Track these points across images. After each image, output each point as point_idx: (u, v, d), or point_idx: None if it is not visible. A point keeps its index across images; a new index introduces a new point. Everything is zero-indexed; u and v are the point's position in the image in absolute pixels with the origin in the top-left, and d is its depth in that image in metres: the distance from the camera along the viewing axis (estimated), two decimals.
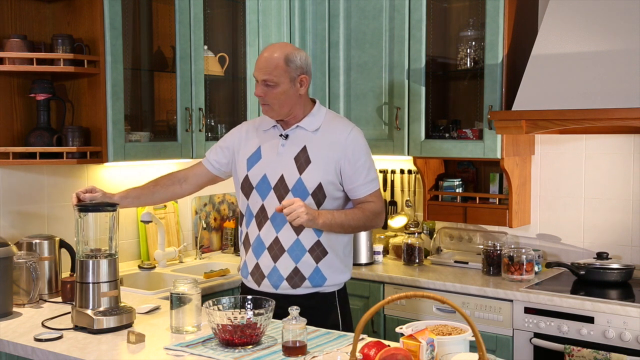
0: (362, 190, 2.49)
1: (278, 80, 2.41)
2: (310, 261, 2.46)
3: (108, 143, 3.00)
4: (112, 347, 2.13)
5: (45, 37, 3.11)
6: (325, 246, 2.48)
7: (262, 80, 2.42)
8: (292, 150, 2.48)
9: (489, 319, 3.04)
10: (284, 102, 2.44)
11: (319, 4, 3.77)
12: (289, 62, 2.41)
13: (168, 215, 3.63)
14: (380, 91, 3.62)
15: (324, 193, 2.45)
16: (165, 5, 3.36)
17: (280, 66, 2.40)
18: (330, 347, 2.07)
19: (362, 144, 2.51)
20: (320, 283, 2.49)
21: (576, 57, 3.01)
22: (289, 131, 2.51)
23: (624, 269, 3.07)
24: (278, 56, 2.41)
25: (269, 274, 2.48)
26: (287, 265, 2.46)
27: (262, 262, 2.50)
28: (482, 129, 3.32)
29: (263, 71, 2.42)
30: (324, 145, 2.47)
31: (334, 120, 2.54)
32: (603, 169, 3.37)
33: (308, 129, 2.49)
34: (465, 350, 1.92)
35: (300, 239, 2.45)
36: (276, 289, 2.47)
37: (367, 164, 2.50)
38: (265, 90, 2.43)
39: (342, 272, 2.56)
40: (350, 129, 2.51)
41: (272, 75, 2.40)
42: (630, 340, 2.70)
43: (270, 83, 2.41)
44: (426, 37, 3.47)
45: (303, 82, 2.46)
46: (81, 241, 2.38)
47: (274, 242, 2.47)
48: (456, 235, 3.74)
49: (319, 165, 2.44)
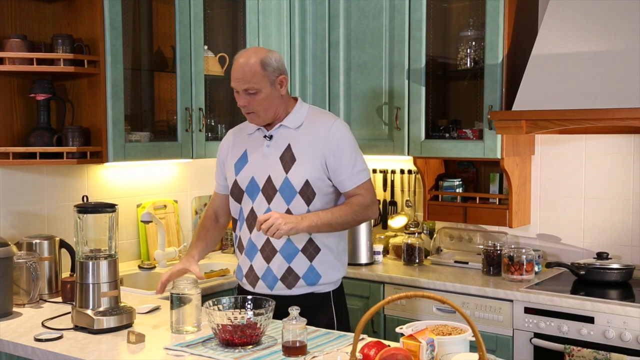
0: (349, 182, 2.45)
1: (259, 86, 2.38)
2: (304, 260, 2.45)
3: (108, 143, 3.00)
4: (112, 347, 2.13)
5: (45, 37, 3.11)
6: (318, 243, 2.46)
7: (243, 90, 2.39)
8: (277, 150, 2.46)
9: (489, 319, 3.04)
10: (268, 107, 2.43)
11: (319, 4, 3.77)
12: (265, 67, 2.38)
13: (168, 215, 3.63)
14: (380, 91, 3.61)
15: (312, 190, 2.42)
16: (165, 5, 3.36)
17: (258, 72, 2.37)
18: (330, 347, 2.07)
19: (345, 136, 2.47)
20: (315, 281, 2.47)
21: (576, 57, 3.01)
22: (273, 131, 2.49)
23: (624, 269, 3.07)
24: (254, 62, 2.38)
25: (262, 275, 2.47)
26: (280, 266, 2.45)
27: (256, 264, 2.48)
28: (482, 129, 3.32)
29: (242, 81, 2.39)
30: (308, 141, 2.45)
31: (317, 116, 2.52)
32: (603, 169, 3.37)
33: (291, 127, 2.47)
34: (465, 350, 1.92)
35: (292, 239, 2.43)
36: (271, 290, 2.46)
37: (352, 155, 2.46)
38: (247, 99, 2.40)
39: (337, 270, 2.53)
40: (333, 121, 2.48)
41: (252, 83, 2.37)
42: (630, 340, 2.70)
43: (252, 91, 2.38)
44: (426, 37, 3.47)
45: (282, 83, 2.44)
46: (81, 242, 2.38)
47: (265, 244, 2.45)
48: (456, 235, 3.73)
49: (304, 162, 2.42)
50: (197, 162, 3.75)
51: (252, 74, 2.37)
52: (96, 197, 3.27)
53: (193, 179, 3.80)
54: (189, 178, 3.79)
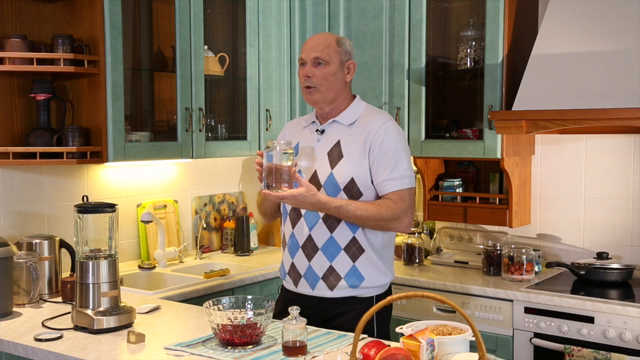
0: (385, 186, 2.35)
1: (329, 58, 2.40)
2: (346, 259, 2.38)
3: (108, 143, 3.00)
4: (112, 347, 2.13)
5: (45, 37, 3.11)
6: (362, 243, 2.39)
7: (312, 58, 2.40)
8: (327, 145, 2.43)
9: (489, 319, 3.04)
10: (331, 85, 2.41)
11: (319, 4, 3.77)
12: (340, 44, 2.43)
13: (168, 215, 3.63)
14: (380, 91, 3.61)
15: (358, 189, 2.36)
16: (165, 5, 3.36)
17: (332, 45, 2.41)
18: (330, 347, 2.07)
19: (392, 138, 2.37)
20: (357, 283, 2.39)
21: (576, 57, 3.01)
22: (325, 126, 2.47)
23: (624, 269, 3.07)
24: (329, 37, 2.44)
25: (305, 274, 2.43)
26: (321, 264, 2.39)
27: (297, 261, 2.45)
28: (482, 129, 3.32)
29: (314, 49, 2.40)
30: (358, 139, 2.40)
31: (371, 114, 2.46)
32: (603, 169, 3.37)
33: (344, 123, 2.44)
34: (465, 350, 1.92)
35: (335, 237, 2.38)
36: (312, 290, 2.41)
37: (395, 159, 2.36)
38: (314, 71, 2.40)
39: (383, 273, 2.43)
40: (385, 121, 2.41)
41: (324, 53, 2.40)
42: (630, 340, 2.70)
43: (322, 61, 2.39)
44: (426, 37, 3.47)
45: (350, 69, 2.45)
46: (81, 242, 2.38)
47: (307, 241, 2.41)
48: (456, 235, 3.74)
49: (351, 160, 2.37)
50: (197, 162, 3.76)
51: (325, 45, 2.41)
52: (96, 197, 3.27)
53: (193, 179, 3.80)
54: (189, 178, 3.79)
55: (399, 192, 2.36)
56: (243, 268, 3.41)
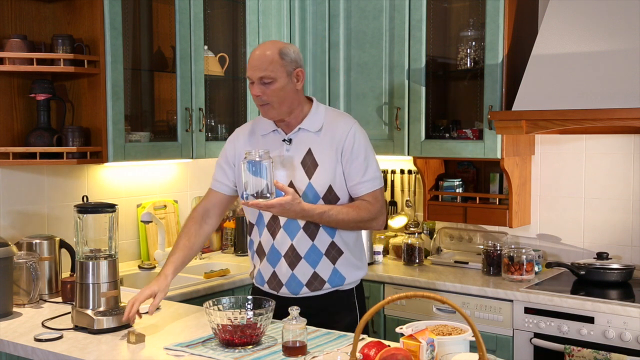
0: (359, 189, 2.41)
1: (275, 75, 2.33)
2: (328, 264, 2.41)
3: (108, 143, 3.00)
4: (112, 347, 2.13)
5: (45, 37, 3.11)
6: (339, 245, 2.43)
7: (258, 79, 2.34)
8: (298, 154, 2.41)
9: (489, 319, 3.04)
10: (283, 99, 2.36)
11: (319, 4, 3.77)
12: (283, 56, 2.34)
13: (168, 215, 3.63)
14: (380, 91, 3.61)
15: (335, 195, 2.39)
16: (165, 5, 3.36)
17: (275, 60, 2.33)
18: (330, 347, 2.07)
19: (362, 142, 2.43)
20: (339, 283, 2.44)
21: (576, 57, 3.01)
22: (292, 135, 2.44)
23: (624, 269, 3.07)
24: (271, 52, 2.34)
25: (287, 282, 2.43)
26: (305, 272, 2.41)
27: (279, 270, 2.44)
28: (482, 129, 3.32)
29: (258, 69, 2.33)
30: (328, 145, 2.41)
31: (336, 119, 2.47)
32: (603, 169, 3.37)
33: (311, 130, 2.43)
34: (465, 350, 1.92)
35: (316, 244, 2.40)
36: (296, 295, 2.43)
37: (366, 162, 2.42)
38: (262, 89, 2.34)
39: (359, 269, 2.50)
40: (351, 125, 2.44)
41: (268, 70, 2.32)
42: (630, 340, 2.70)
43: (267, 80, 2.33)
44: (426, 37, 3.47)
45: (299, 77, 2.39)
46: (81, 242, 2.38)
47: (290, 250, 2.41)
48: (456, 235, 3.74)
49: (327, 168, 2.39)
50: (197, 162, 3.75)
51: (268, 62, 2.32)
52: (96, 197, 3.27)
53: (193, 179, 3.80)
54: (189, 178, 3.79)
55: (373, 193, 2.44)
56: (243, 268, 3.41)
